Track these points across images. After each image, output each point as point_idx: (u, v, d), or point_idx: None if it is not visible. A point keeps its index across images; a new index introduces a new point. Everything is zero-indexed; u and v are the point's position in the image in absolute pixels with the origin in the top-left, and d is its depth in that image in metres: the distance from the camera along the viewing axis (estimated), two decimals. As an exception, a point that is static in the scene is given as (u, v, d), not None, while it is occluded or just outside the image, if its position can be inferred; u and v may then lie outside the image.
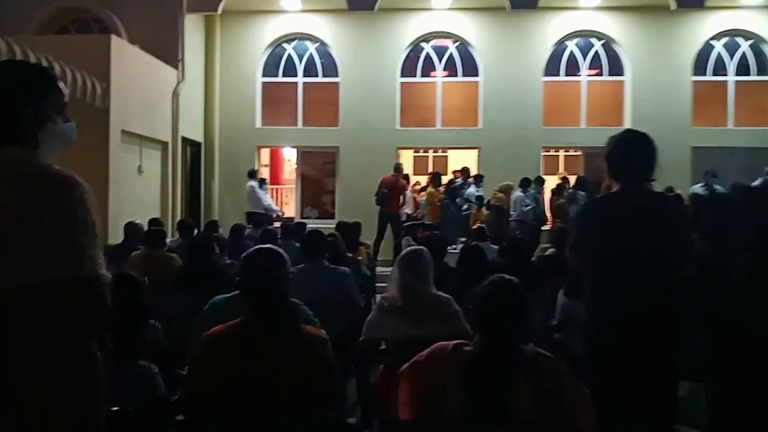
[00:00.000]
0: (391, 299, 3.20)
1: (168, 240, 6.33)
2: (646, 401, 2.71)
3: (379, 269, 8.12)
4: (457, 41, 13.10)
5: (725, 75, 13.00)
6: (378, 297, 3.90)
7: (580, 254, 2.89)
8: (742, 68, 12.95)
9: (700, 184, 10.83)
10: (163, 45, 10.80)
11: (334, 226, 7.25)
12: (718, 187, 10.01)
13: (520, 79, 12.70)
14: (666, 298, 2.77)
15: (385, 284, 3.64)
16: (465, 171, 12.60)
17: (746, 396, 2.95)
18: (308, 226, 8.46)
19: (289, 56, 13.36)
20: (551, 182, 11.98)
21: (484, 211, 11.08)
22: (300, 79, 13.35)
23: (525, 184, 11.03)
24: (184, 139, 11.65)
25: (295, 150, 13.90)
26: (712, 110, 12.90)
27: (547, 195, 11.66)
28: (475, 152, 13.22)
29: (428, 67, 13.33)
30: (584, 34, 12.98)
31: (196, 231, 7.49)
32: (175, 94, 11.19)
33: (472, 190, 11.53)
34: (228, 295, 2.94)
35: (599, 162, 13.49)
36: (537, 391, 2.01)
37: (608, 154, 2.86)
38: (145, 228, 6.22)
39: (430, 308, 3.09)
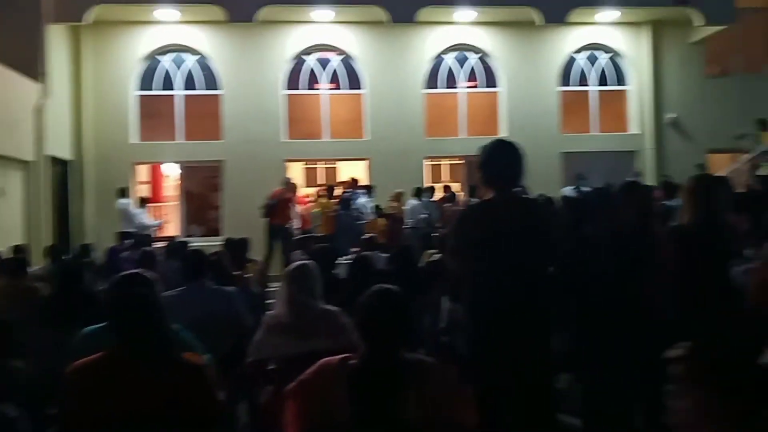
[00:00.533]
0: (278, 316, 3.14)
1: (35, 267, 5.80)
2: (526, 394, 2.85)
3: (272, 285, 7.93)
4: (341, 54, 13.22)
5: (587, 85, 14.14)
6: (270, 315, 3.80)
7: (458, 259, 2.99)
8: (603, 79, 14.16)
9: (571, 187, 11.65)
10: (23, 57, 9.96)
11: (221, 243, 7.00)
12: (586, 188, 10.80)
13: (402, 91, 13.06)
14: (536, 297, 2.93)
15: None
16: (353, 181, 12.66)
17: (611, 383, 3.20)
18: (194, 244, 8.13)
19: (167, 69, 12.81)
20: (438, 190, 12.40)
21: (380, 220, 11.16)
22: (179, 92, 12.84)
23: (419, 193, 11.31)
24: (50, 157, 10.78)
25: (177, 165, 13.33)
26: (577, 118, 13.96)
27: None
28: (364, 163, 13.38)
29: (313, 80, 13.33)
30: (461, 48, 13.58)
31: (66, 256, 6.92)
32: (38, 110, 10.35)
33: (363, 200, 11.61)
34: (101, 324, 2.73)
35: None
36: (422, 398, 2.04)
37: (481, 163, 2.99)
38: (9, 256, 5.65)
39: (318, 323, 3.06)
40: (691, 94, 13.74)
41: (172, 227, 13.25)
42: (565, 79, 13.90)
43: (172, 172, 14.17)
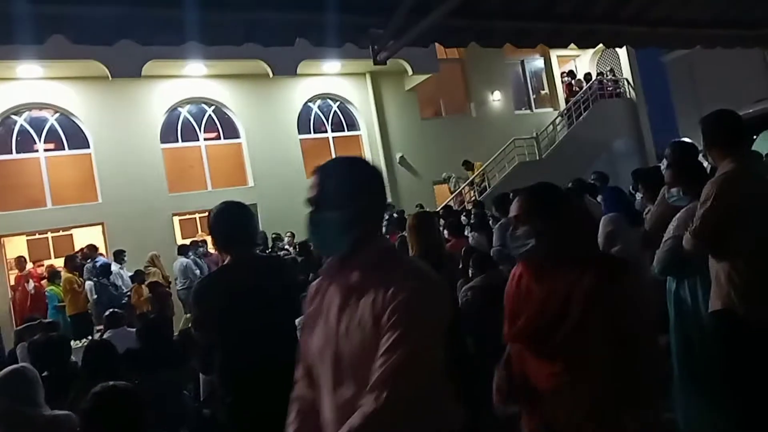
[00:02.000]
0: (-15, 438, 2.59)
1: None
2: None
3: None
4: (57, 112, 11.94)
5: (325, 132, 14.99)
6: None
7: (204, 331, 2.85)
8: (336, 125, 15.15)
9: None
10: None
11: None
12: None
13: (136, 148, 12.27)
14: (287, 355, 2.91)
15: None
16: (92, 248, 11.29)
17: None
18: None
19: None
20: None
21: (144, 288, 10.02)
22: None
23: (183, 250, 10.56)
24: None
25: None
26: (319, 162, 14.53)
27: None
28: (98, 228, 12.13)
29: (27, 142, 11.78)
30: (195, 101, 13.33)
31: None
32: None
33: (114, 268, 10.36)
34: None
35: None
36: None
37: (212, 228, 2.90)
38: None
39: (41, 434, 2.61)
40: (412, 134, 15.46)
41: None
42: (304, 127, 14.53)
43: None
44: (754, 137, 4.21)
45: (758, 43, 5.95)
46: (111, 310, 7.26)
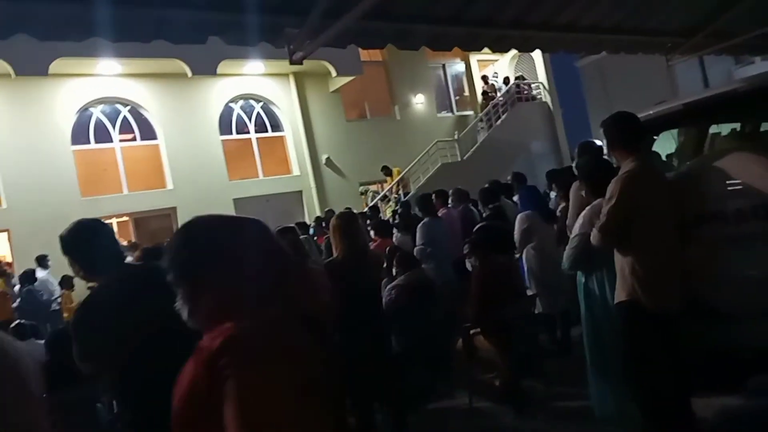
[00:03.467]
0: None
1: None
2: None
3: None
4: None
5: (248, 132, 14.71)
6: None
7: (88, 362, 2.57)
8: (260, 126, 14.90)
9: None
10: None
11: None
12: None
13: (44, 150, 11.57)
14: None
15: None
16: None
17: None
18: None
19: None
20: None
21: (74, 294, 9.32)
22: None
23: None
24: None
25: None
26: (243, 164, 14.37)
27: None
28: (3, 235, 11.36)
29: None
30: (109, 101, 12.74)
31: None
32: None
33: (41, 274, 9.59)
34: None
35: (154, 225, 13.21)
36: None
37: (71, 251, 2.62)
38: None
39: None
40: (337, 136, 15.45)
41: None
42: (226, 128, 14.19)
43: None
44: (655, 138, 4.48)
45: (657, 49, 6.36)
46: (18, 321, 6.82)
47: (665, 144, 5.57)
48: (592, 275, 3.73)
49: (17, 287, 9.42)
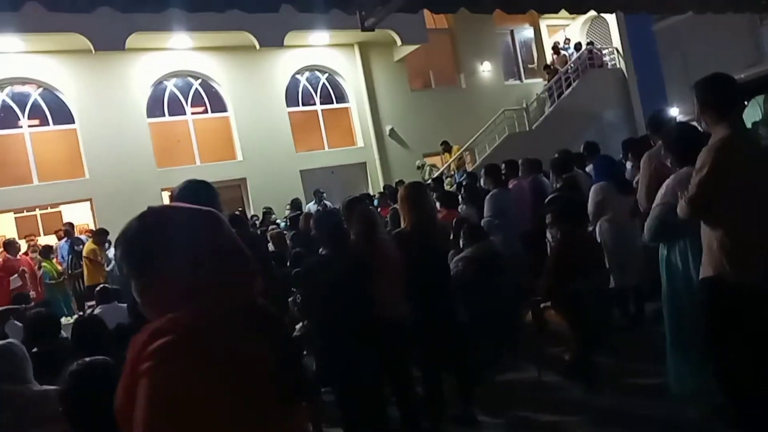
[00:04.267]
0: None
1: None
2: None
3: None
4: (40, 87, 11.72)
5: (314, 104, 14.83)
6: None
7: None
8: (325, 97, 14.98)
9: (313, 203, 12.04)
10: None
11: None
12: (328, 203, 11.27)
13: (122, 123, 12.09)
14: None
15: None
16: (69, 227, 10.97)
17: (361, 387, 3.38)
18: None
19: None
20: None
21: None
22: None
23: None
24: None
25: None
26: (309, 136, 14.54)
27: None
28: (86, 205, 12.03)
29: (10, 118, 11.57)
30: (181, 74, 13.12)
31: None
32: None
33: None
34: None
35: (225, 195, 13.61)
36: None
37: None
38: None
39: (33, 411, 2.59)
40: (401, 106, 15.33)
41: None
42: (293, 100, 14.35)
43: None
44: (746, 103, 4.18)
45: (749, 8, 5.89)
46: (102, 285, 7.23)
47: (751, 111, 5.21)
48: (674, 248, 3.55)
49: (111, 252, 9.91)
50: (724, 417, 3.26)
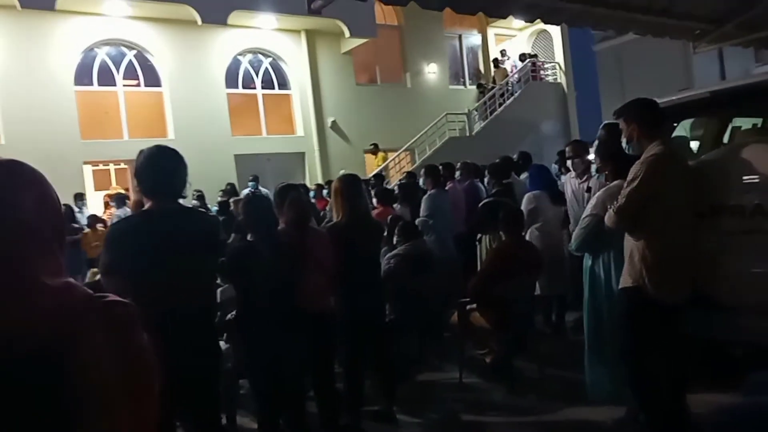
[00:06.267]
0: None
1: None
2: (196, 400, 2.73)
3: None
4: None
5: (254, 88, 14.44)
6: None
7: (112, 278, 2.63)
8: (267, 82, 14.62)
9: (247, 189, 11.70)
10: None
11: None
12: (263, 189, 10.95)
13: (44, 87, 11.32)
14: (203, 310, 2.77)
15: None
16: None
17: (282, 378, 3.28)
18: None
19: None
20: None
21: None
22: None
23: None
24: None
25: None
26: (246, 120, 14.14)
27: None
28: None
29: None
30: (115, 43, 12.45)
31: None
32: None
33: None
34: None
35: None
36: None
37: (138, 170, 2.66)
38: None
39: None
40: (345, 99, 15.17)
41: None
42: (232, 82, 13.92)
43: None
44: (675, 125, 4.34)
45: (685, 35, 6.16)
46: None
47: (678, 133, 5.44)
48: (599, 258, 3.64)
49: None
50: (638, 422, 3.37)
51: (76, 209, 10.05)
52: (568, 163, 5.40)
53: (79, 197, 10.63)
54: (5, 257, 0.93)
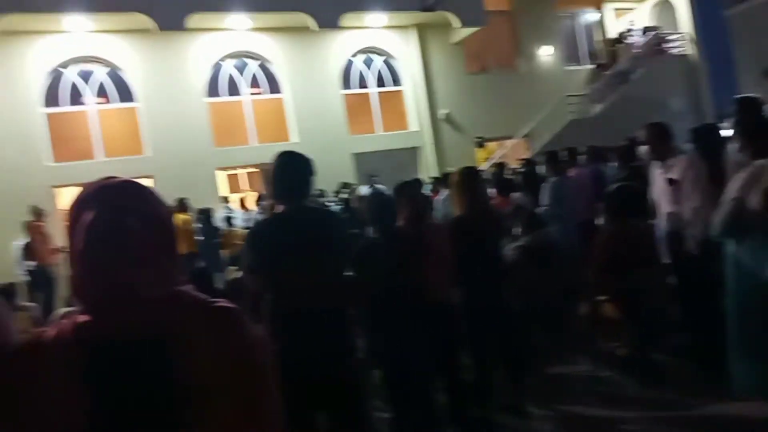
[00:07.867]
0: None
1: None
2: (335, 394, 2.82)
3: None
4: (106, 66, 12.11)
5: (368, 87, 14.77)
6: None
7: (253, 277, 2.88)
8: (380, 80, 14.89)
9: (366, 186, 12.04)
10: None
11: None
12: (380, 186, 11.23)
13: (181, 101, 12.37)
14: (337, 306, 2.92)
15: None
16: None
17: (410, 369, 3.37)
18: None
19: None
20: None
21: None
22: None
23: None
24: None
25: None
26: (362, 119, 14.51)
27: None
28: (148, 182, 12.40)
29: (76, 95, 12.03)
30: (239, 55, 13.28)
31: None
32: None
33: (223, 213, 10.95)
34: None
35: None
36: None
37: (271, 176, 2.89)
38: None
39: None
40: (457, 90, 15.09)
41: None
42: (346, 82, 14.35)
43: None
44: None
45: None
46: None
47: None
48: (743, 244, 3.36)
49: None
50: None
51: (225, 212, 11.02)
52: (641, 149, 4.99)
53: (224, 200, 11.96)
54: (109, 267, 1.08)
